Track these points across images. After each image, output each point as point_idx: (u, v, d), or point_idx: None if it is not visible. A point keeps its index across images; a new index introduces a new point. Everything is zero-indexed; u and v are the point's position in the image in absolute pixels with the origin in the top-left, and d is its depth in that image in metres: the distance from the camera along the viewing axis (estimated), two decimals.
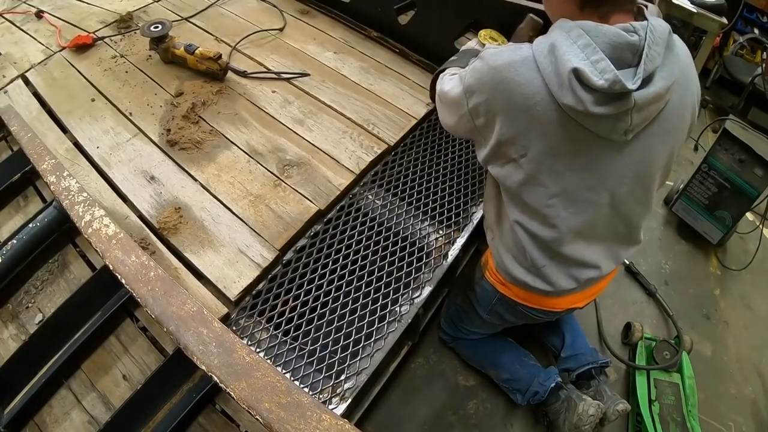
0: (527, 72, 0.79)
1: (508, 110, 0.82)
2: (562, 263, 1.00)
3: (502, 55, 0.83)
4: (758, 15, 2.89)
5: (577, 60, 0.73)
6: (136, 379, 0.98)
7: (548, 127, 0.80)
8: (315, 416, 0.64)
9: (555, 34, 0.78)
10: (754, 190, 1.87)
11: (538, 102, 0.79)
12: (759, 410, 1.64)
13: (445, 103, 0.99)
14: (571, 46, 0.75)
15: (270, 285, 1.10)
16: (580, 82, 0.74)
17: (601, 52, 0.73)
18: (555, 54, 0.76)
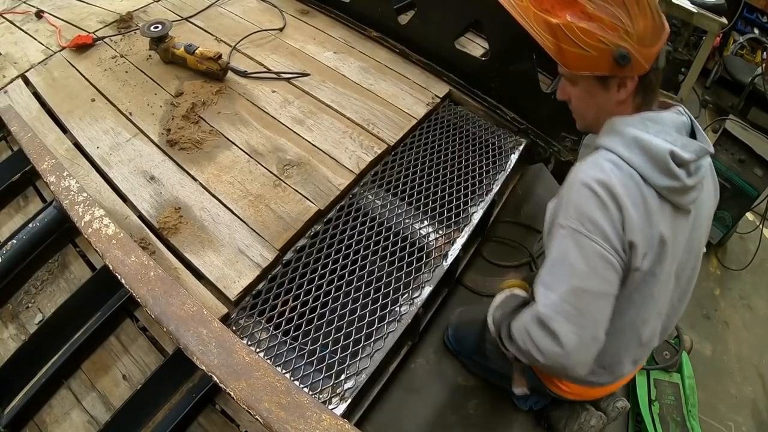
0: (621, 176, 0.79)
1: (635, 221, 0.78)
2: (632, 350, 0.96)
3: (593, 184, 0.79)
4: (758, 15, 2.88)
5: (665, 144, 0.78)
6: (136, 379, 0.98)
7: (656, 216, 0.80)
8: (315, 416, 0.64)
9: (623, 129, 0.81)
10: (754, 190, 1.86)
11: (646, 195, 0.79)
12: (759, 410, 1.64)
13: (584, 284, 0.80)
14: (651, 135, 0.79)
15: (270, 285, 1.10)
16: (674, 161, 0.78)
17: (675, 133, 0.81)
18: (640, 145, 0.79)
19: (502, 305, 1.05)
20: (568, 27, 0.77)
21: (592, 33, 0.76)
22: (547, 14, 0.78)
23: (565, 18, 0.77)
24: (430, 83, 1.62)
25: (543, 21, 0.78)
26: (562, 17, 0.77)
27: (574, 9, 0.77)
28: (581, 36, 0.77)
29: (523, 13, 0.80)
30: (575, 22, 0.76)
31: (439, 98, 1.57)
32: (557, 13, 0.78)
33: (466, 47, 1.74)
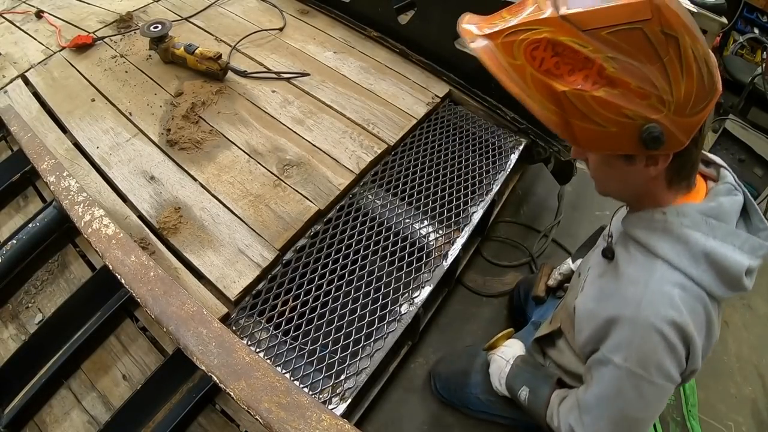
0: (691, 304, 0.68)
1: (699, 349, 0.71)
2: None
3: (659, 316, 0.67)
4: (758, 15, 2.89)
5: (740, 257, 0.67)
6: (136, 379, 0.98)
7: (715, 326, 0.73)
8: (315, 416, 0.64)
9: (687, 236, 0.68)
10: (754, 190, 1.87)
11: (710, 312, 0.70)
12: (759, 410, 1.64)
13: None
14: (721, 243, 0.67)
15: (270, 285, 1.10)
16: (747, 273, 0.69)
17: (741, 230, 0.70)
18: (712, 260, 0.67)
19: (516, 377, 1.03)
20: (579, 96, 0.58)
21: (613, 104, 0.57)
22: (550, 77, 0.59)
23: (575, 84, 0.58)
24: (430, 83, 1.61)
25: (544, 86, 0.59)
26: (570, 82, 0.58)
27: (589, 70, 0.57)
28: (597, 108, 0.58)
29: (517, 75, 0.61)
30: (589, 89, 0.57)
31: (439, 98, 1.57)
32: (564, 77, 0.58)
33: (466, 47, 1.74)
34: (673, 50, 0.56)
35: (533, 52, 0.59)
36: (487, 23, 0.66)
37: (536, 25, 0.59)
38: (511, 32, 0.61)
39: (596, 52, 0.56)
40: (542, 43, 0.58)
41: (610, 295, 0.75)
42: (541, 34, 0.58)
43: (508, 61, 0.61)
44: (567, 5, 0.58)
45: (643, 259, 0.72)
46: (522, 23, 0.60)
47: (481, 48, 0.64)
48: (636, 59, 0.56)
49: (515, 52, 0.60)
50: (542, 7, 0.60)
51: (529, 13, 0.60)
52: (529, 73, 0.60)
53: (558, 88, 0.59)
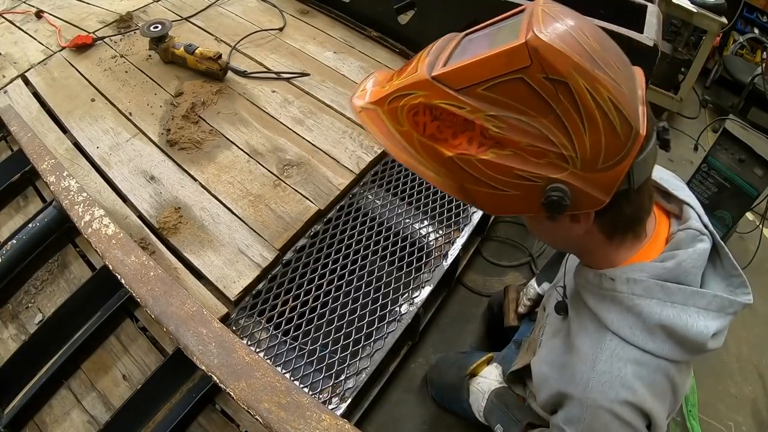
0: (648, 379, 0.61)
1: (663, 415, 0.65)
2: None
3: (614, 391, 0.61)
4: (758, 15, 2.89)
5: (704, 321, 0.59)
6: (136, 379, 0.98)
7: (681, 388, 0.66)
8: (315, 416, 0.64)
9: (639, 308, 0.60)
10: (754, 190, 1.86)
11: (673, 377, 0.63)
12: (759, 410, 1.64)
13: None
14: (682, 309, 0.59)
15: (270, 285, 1.10)
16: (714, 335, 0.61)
17: (707, 290, 0.61)
18: (670, 332, 0.59)
19: (491, 413, 1.02)
20: (467, 161, 0.52)
21: (504, 166, 0.51)
22: (436, 142, 0.53)
23: (460, 147, 0.52)
24: None
25: (433, 152, 0.54)
26: (456, 146, 0.52)
27: (471, 132, 0.51)
28: (488, 172, 0.52)
29: (406, 142, 0.56)
30: (475, 153, 0.51)
31: None
32: (449, 141, 0.53)
33: None
34: (566, 98, 0.48)
35: (415, 117, 0.54)
36: (380, 86, 0.60)
37: (411, 89, 0.54)
38: (394, 98, 0.56)
39: (474, 113, 0.50)
40: (420, 108, 0.54)
41: (562, 366, 0.69)
42: (416, 99, 0.53)
43: (396, 128, 0.56)
44: (443, 63, 0.54)
45: (594, 329, 0.64)
46: (401, 87, 0.55)
47: (367, 115, 0.58)
48: (522, 114, 0.49)
49: (400, 118, 0.55)
50: (418, 68, 0.55)
51: (407, 75, 0.56)
52: (416, 139, 0.55)
53: (445, 154, 0.53)
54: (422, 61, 0.56)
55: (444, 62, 0.54)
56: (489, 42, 0.54)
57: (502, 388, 1.08)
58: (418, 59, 0.58)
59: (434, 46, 0.61)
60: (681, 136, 2.76)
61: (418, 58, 0.59)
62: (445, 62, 0.54)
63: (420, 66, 0.55)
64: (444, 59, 0.55)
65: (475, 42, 0.58)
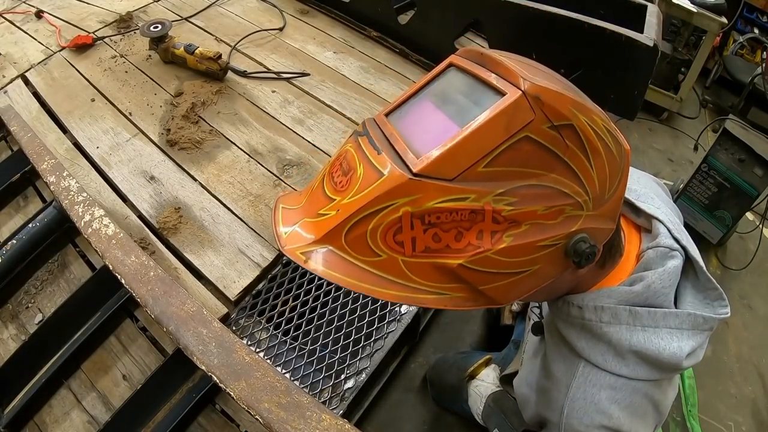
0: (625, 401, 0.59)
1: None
2: None
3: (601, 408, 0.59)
4: (758, 15, 2.89)
5: (678, 342, 0.56)
6: (136, 379, 0.98)
7: (663, 404, 0.65)
8: (315, 416, 0.64)
9: (610, 336, 0.57)
10: (754, 190, 1.87)
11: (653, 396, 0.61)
12: (759, 410, 1.64)
13: None
14: (653, 333, 0.56)
15: (270, 285, 1.10)
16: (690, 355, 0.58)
17: (680, 309, 0.58)
18: (643, 357, 0.57)
19: (489, 417, 1.01)
20: (482, 260, 0.44)
21: (525, 245, 0.44)
22: (433, 257, 0.44)
23: (469, 249, 0.43)
24: None
25: (431, 270, 0.44)
26: (462, 249, 0.43)
27: (481, 223, 0.43)
28: (507, 260, 0.45)
29: (388, 273, 0.44)
30: (490, 246, 0.43)
31: None
32: (452, 246, 0.43)
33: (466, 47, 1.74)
34: (573, 141, 0.43)
35: (397, 236, 0.43)
36: (310, 218, 0.47)
37: (385, 201, 0.41)
38: (355, 223, 0.43)
39: (481, 198, 0.42)
40: (405, 222, 0.42)
41: (540, 390, 0.68)
42: (397, 211, 0.42)
43: (367, 260, 0.44)
44: (413, 154, 0.42)
45: (567, 355, 0.62)
46: (365, 205, 0.42)
47: (322, 263, 0.45)
48: (532, 178, 0.43)
49: (373, 245, 0.43)
50: (379, 168, 0.42)
51: (361, 185, 0.43)
52: (402, 263, 0.44)
53: (450, 264, 0.43)
54: (377, 161, 0.43)
55: (410, 153, 0.42)
56: (447, 111, 0.45)
57: (500, 392, 1.07)
58: (357, 162, 0.45)
59: (350, 152, 0.47)
60: (681, 136, 2.76)
61: (333, 173, 0.46)
62: (412, 154, 0.42)
63: (379, 165, 0.42)
64: (404, 150, 0.43)
65: (422, 118, 0.47)
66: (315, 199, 0.48)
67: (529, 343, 0.79)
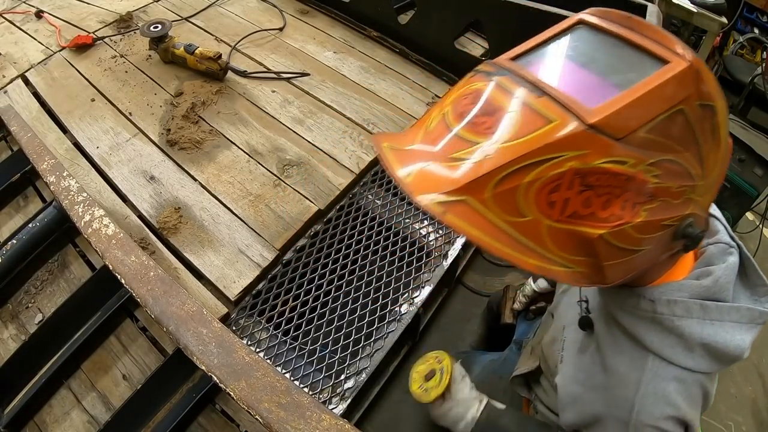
0: (690, 394, 0.60)
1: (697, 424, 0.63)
2: None
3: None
4: (758, 15, 2.89)
5: (740, 335, 0.57)
6: (136, 379, 0.98)
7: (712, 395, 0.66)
8: (315, 416, 0.64)
9: (681, 328, 0.57)
10: (754, 190, 1.87)
11: (708, 389, 0.62)
12: (759, 410, 1.64)
13: None
14: (720, 326, 0.57)
15: (270, 285, 1.10)
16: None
17: (740, 296, 0.59)
18: (710, 350, 0.57)
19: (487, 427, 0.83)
20: (620, 233, 0.42)
21: (653, 222, 0.43)
22: (577, 223, 0.41)
23: (611, 219, 0.41)
24: (430, 83, 1.61)
25: (569, 238, 0.41)
26: (605, 219, 0.41)
27: (629, 193, 0.41)
28: (637, 236, 0.43)
29: (525, 236, 0.41)
30: (630, 218, 0.42)
31: (439, 98, 1.57)
32: (597, 214, 0.41)
33: (466, 47, 1.74)
34: (708, 123, 0.42)
35: (551, 196, 0.39)
36: (441, 162, 0.41)
37: (553, 152, 0.38)
38: (510, 173, 0.39)
39: (637, 165, 0.40)
40: (566, 179, 0.39)
41: (597, 387, 0.65)
42: (563, 165, 0.38)
43: (508, 221, 0.40)
44: (586, 102, 0.39)
45: (632, 350, 0.61)
46: (526, 154, 0.38)
47: (463, 217, 0.40)
48: (673, 153, 0.41)
49: (521, 204, 0.39)
50: (544, 113, 0.39)
51: (519, 129, 0.39)
52: (546, 227, 0.40)
53: (592, 234, 0.41)
54: (544, 106, 0.39)
55: (572, 103, 0.38)
56: (596, 70, 0.43)
57: (489, 407, 0.85)
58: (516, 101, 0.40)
59: (488, 90, 0.42)
60: None
61: (463, 111, 0.42)
62: (571, 103, 0.38)
63: (547, 111, 0.38)
64: (566, 99, 0.39)
65: (568, 74, 0.44)
66: (441, 140, 0.42)
67: (570, 340, 0.75)
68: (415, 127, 0.47)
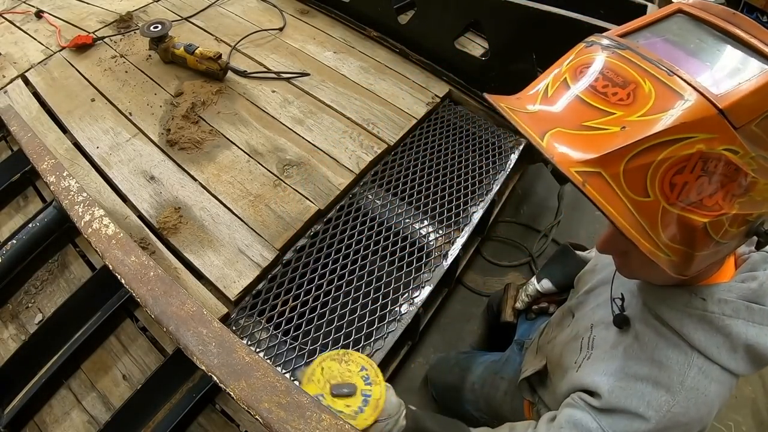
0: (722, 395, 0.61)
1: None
2: None
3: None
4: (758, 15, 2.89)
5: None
6: (136, 379, 0.98)
7: None
8: (315, 416, 0.64)
9: (728, 327, 0.57)
10: None
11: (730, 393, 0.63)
12: (759, 410, 1.64)
13: None
14: (761, 329, 0.57)
15: (270, 285, 1.10)
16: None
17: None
18: (752, 350, 0.58)
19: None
20: (716, 224, 0.43)
21: (741, 216, 0.45)
22: (687, 210, 0.42)
23: (715, 208, 0.42)
24: (430, 83, 1.61)
25: (677, 223, 0.43)
26: (710, 207, 0.42)
27: (732, 183, 0.42)
28: (729, 229, 0.45)
29: (641, 215, 0.41)
30: (728, 209, 0.43)
31: (439, 98, 1.57)
32: (704, 202, 0.42)
33: (466, 47, 1.74)
34: None
35: (675, 177, 0.40)
36: (571, 129, 0.41)
37: (688, 132, 0.38)
38: (646, 149, 0.38)
39: (745, 156, 0.40)
40: (691, 161, 0.39)
41: (636, 384, 0.64)
42: (693, 147, 0.39)
43: (632, 198, 0.40)
44: (712, 83, 0.40)
45: (674, 346, 0.61)
46: (664, 130, 0.38)
47: (593, 186, 0.40)
48: (767, 149, 0.42)
49: (649, 181, 0.39)
50: (680, 92, 0.39)
51: (655, 104, 0.39)
52: (661, 209, 0.41)
53: (697, 222, 0.41)
54: (658, 86, 0.39)
55: (701, 86, 0.39)
56: (704, 59, 0.43)
57: (417, 414, 0.79)
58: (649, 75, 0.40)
59: (613, 62, 0.42)
60: None
61: (593, 82, 0.42)
62: (700, 85, 0.39)
63: (671, 91, 0.38)
64: (694, 81, 0.39)
65: (678, 60, 0.43)
66: (568, 105, 0.42)
67: (601, 338, 0.73)
68: (529, 91, 0.48)
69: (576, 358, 0.76)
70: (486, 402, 1.17)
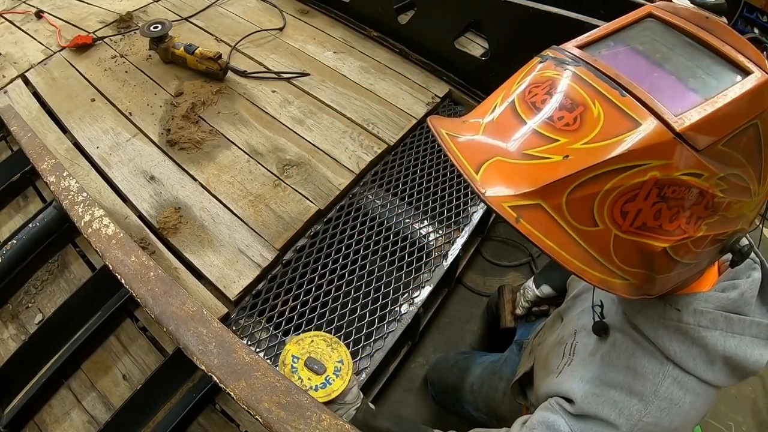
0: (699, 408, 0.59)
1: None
2: None
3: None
4: (758, 15, 2.89)
5: (759, 350, 0.56)
6: (136, 379, 0.98)
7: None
8: (315, 416, 0.64)
9: (705, 339, 0.55)
10: None
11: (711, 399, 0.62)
12: (759, 410, 1.64)
13: None
14: (741, 340, 0.55)
15: (270, 285, 1.10)
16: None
17: (761, 319, 0.57)
18: (731, 362, 0.56)
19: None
20: (679, 248, 0.42)
21: (710, 237, 0.43)
22: (644, 235, 0.40)
23: (676, 233, 0.41)
24: (430, 83, 1.61)
25: (633, 249, 0.41)
26: (670, 232, 0.40)
27: (697, 206, 0.40)
28: (694, 249, 0.43)
29: (589, 244, 0.40)
30: (693, 232, 0.41)
31: (439, 98, 1.57)
32: (664, 227, 0.40)
33: (466, 47, 1.74)
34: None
35: (625, 206, 0.38)
36: (512, 159, 0.39)
37: (639, 159, 0.36)
38: (591, 178, 0.36)
39: (710, 178, 0.38)
40: (644, 189, 0.37)
41: (609, 392, 0.63)
42: (646, 174, 0.36)
43: (578, 229, 0.39)
44: (669, 107, 0.37)
45: (650, 355, 0.60)
46: (611, 159, 0.36)
47: (528, 220, 0.38)
48: (739, 168, 0.40)
49: (597, 211, 0.38)
50: (632, 116, 0.37)
51: (603, 130, 0.36)
52: (612, 238, 0.39)
53: (656, 247, 0.40)
54: (628, 105, 0.36)
55: (657, 106, 0.36)
56: (672, 71, 0.40)
57: (368, 411, 0.82)
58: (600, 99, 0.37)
59: (566, 81, 0.40)
60: None
61: (537, 102, 0.39)
62: (657, 106, 0.36)
63: (633, 110, 0.36)
64: (651, 101, 0.37)
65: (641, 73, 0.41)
66: (512, 133, 0.39)
67: (582, 344, 0.73)
68: (475, 114, 0.45)
69: (558, 363, 0.75)
70: (485, 402, 1.17)
